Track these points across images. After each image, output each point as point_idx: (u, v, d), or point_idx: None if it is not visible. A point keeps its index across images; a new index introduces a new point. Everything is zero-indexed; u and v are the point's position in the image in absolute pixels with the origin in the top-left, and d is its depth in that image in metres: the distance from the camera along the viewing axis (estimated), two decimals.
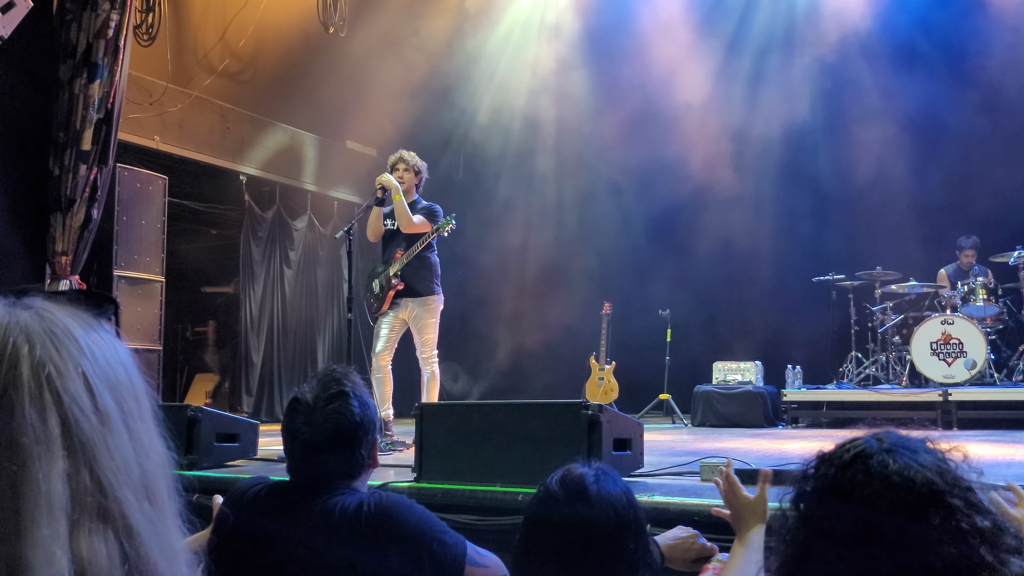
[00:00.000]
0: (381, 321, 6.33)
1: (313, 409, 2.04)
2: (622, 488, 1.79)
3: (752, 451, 5.46)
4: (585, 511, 1.71)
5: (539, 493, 1.80)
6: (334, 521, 1.92)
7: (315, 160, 10.46)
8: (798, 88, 9.99)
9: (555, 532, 1.72)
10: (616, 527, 1.71)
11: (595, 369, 9.16)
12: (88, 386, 0.76)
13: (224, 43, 9.08)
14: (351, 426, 2.03)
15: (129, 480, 0.76)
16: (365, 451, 2.07)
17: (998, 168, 8.69)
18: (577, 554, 1.68)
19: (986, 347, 7.74)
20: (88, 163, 6.68)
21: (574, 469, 1.80)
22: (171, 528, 0.81)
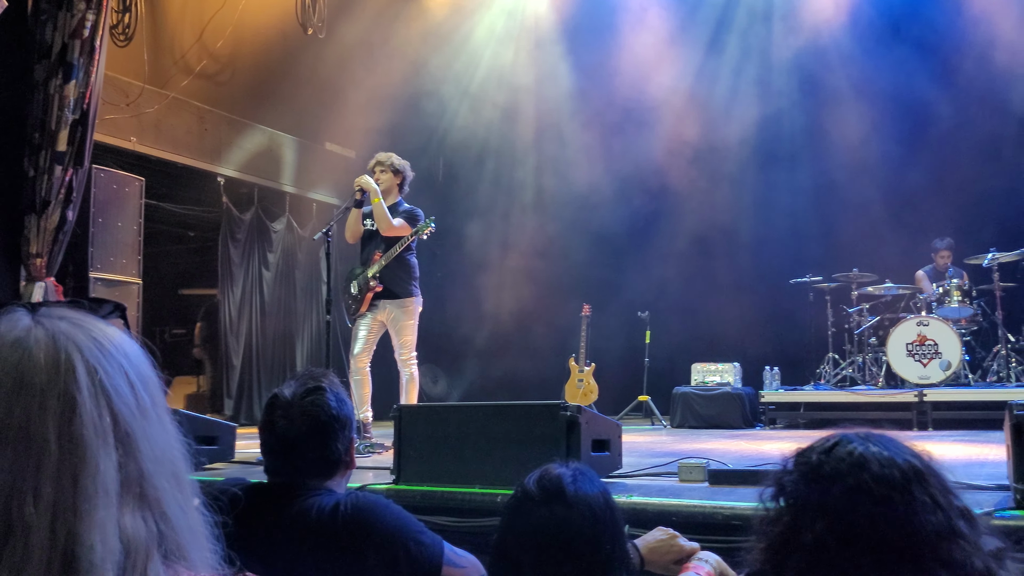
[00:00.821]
0: (359, 323, 6.32)
1: (291, 404, 2.07)
2: (599, 488, 1.79)
3: (730, 452, 5.49)
4: (562, 512, 1.71)
5: (516, 493, 1.80)
6: (311, 522, 1.92)
7: (294, 162, 10.41)
8: (776, 91, 10.07)
9: (532, 533, 1.72)
10: (593, 528, 1.71)
11: (574, 371, 9.18)
12: (130, 383, 0.86)
13: (202, 44, 9.03)
14: (327, 419, 2.05)
15: (163, 468, 0.85)
16: (342, 446, 2.08)
17: (973, 172, 8.79)
18: (554, 554, 1.68)
19: (961, 348, 7.83)
20: (63, 164, 6.61)
21: (552, 469, 1.80)
22: (194, 512, 0.89)
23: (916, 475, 1.11)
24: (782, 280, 9.14)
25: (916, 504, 1.09)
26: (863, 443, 1.15)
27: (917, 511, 1.08)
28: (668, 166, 10.21)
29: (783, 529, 1.14)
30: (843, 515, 1.10)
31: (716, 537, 3.10)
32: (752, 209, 10.02)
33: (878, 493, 1.10)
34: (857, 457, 1.13)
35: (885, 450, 1.13)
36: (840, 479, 1.12)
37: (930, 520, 1.08)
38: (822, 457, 1.16)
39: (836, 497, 1.11)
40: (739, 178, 10.11)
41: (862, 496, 1.10)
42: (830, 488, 1.12)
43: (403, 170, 6.42)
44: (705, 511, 3.23)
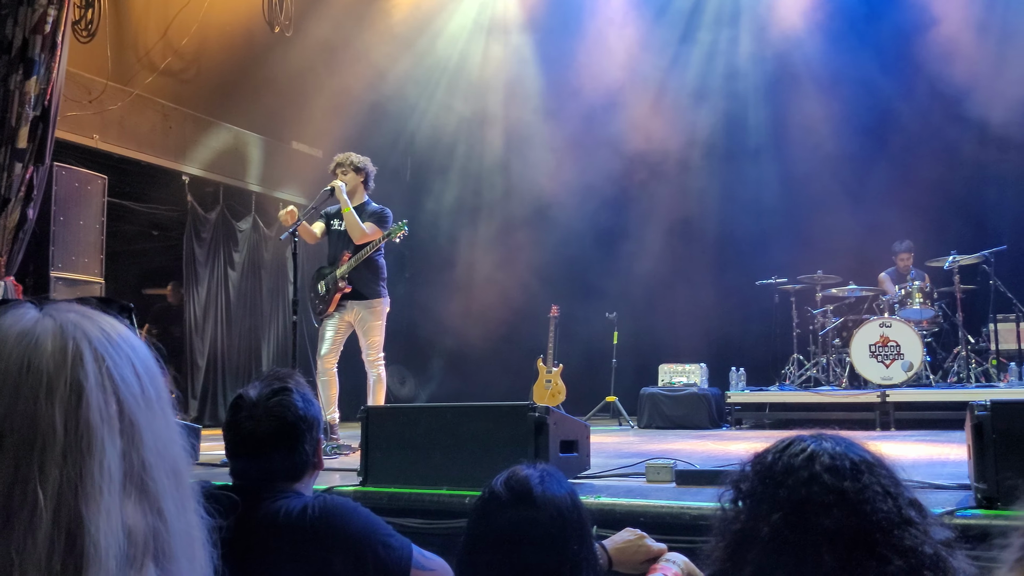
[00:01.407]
0: (326, 323, 6.28)
1: (256, 405, 2.03)
2: (567, 490, 1.79)
3: (697, 452, 5.53)
4: (530, 513, 1.71)
5: (484, 495, 1.80)
6: (279, 525, 1.89)
7: (260, 161, 10.32)
8: (742, 94, 10.18)
9: (500, 534, 1.72)
10: (560, 529, 1.71)
11: (542, 372, 9.19)
12: (137, 374, 0.86)
13: (166, 41, 8.92)
14: (294, 420, 2.01)
15: (164, 463, 0.85)
16: (309, 448, 2.04)
17: (935, 176, 8.94)
18: (522, 556, 1.68)
19: (922, 349, 7.94)
20: (24, 162, 6.50)
21: (519, 471, 1.80)
22: (192, 514, 0.88)
23: (867, 466, 1.15)
24: (748, 282, 9.23)
25: (868, 493, 1.12)
26: (815, 441, 1.19)
27: (869, 499, 1.12)
28: (636, 168, 10.28)
29: (740, 527, 1.16)
30: (797, 505, 1.13)
31: (683, 537, 3.12)
32: (719, 212, 10.11)
33: (830, 483, 1.13)
34: (810, 452, 1.17)
35: (837, 446, 1.18)
36: (793, 472, 1.15)
37: (881, 508, 1.11)
38: (776, 456, 1.20)
39: (790, 488, 1.14)
40: (706, 180, 10.19)
41: (815, 486, 1.13)
42: (784, 481, 1.15)
43: (365, 167, 6.38)
44: (672, 511, 3.24)
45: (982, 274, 8.31)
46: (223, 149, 9.80)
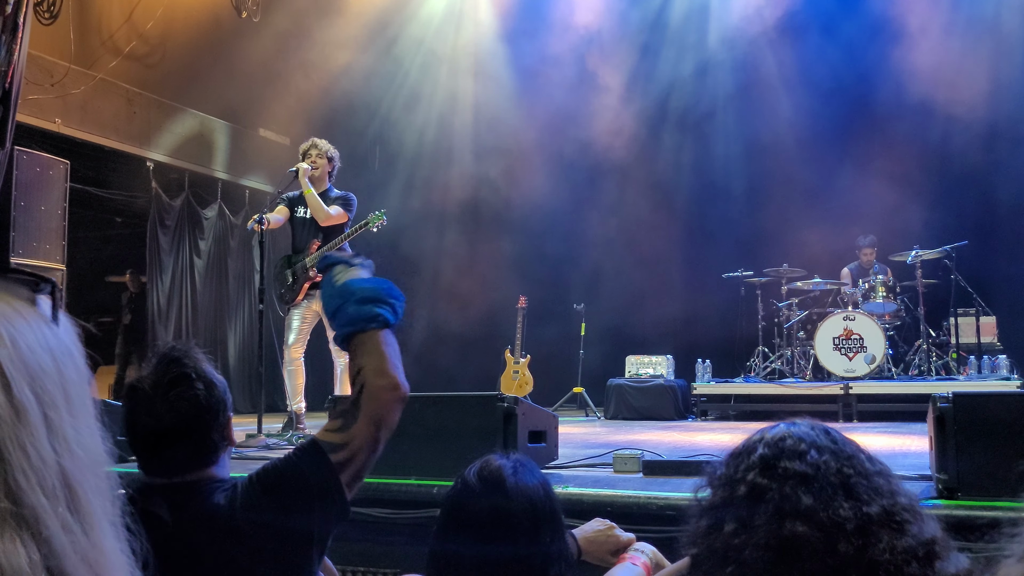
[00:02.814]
0: (293, 312, 6.24)
1: (153, 398, 1.82)
2: (539, 480, 1.79)
3: (663, 443, 5.57)
4: (502, 503, 1.71)
5: (456, 485, 1.80)
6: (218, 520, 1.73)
7: (226, 148, 10.21)
8: (708, 88, 10.23)
9: (472, 524, 1.72)
10: (532, 520, 1.71)
11: (510, 362, 9.20)
12: (4, 379, 0.69)
13: (131, 24, 8.78)
14: (197, 412, 1.82)
15: (44, 483, 0.69)
16: (217, 435, 1.86)
17: (898, 172, 9.04)
18: (494, 546, 1.68)
19: (885, 343, 8.06)
20: None
21: (492, 461, 1.79)
22: (99, 536, 0.72)
23: (850, 447, 1.16)
24: (714, 275, 9.30)
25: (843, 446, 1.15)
26: (789, 424, 1.20)
27: (844, 451, 1.14)
28: (603, 161, 10.30)
29: (718, 500, 1.17)
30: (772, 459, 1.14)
31: (651, 527, 3.14)
32: (685, 204, 10.18)
33: (806, 436, 1.15)
34: (782, 431, 1.18)
35: (825, 433, 1.18)
36: (764, 445, 1.17)
37: (858, 457, 1.14)
38: (749, 441, 1.20)
39: (765, 446, 1.16)
40: (672, 173, 10.26)
41: (789, 440, 1.15)
42: (757, 448, 1.17)
43: (335, 158, 6.38)
44: (640, 501, 3.27)
45: (944, 269, 8.45)
46: (189, 135, 9.68)
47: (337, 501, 1.68)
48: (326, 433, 1.70)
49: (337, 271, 1.81)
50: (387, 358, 1.71)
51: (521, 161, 10.59)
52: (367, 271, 1.83)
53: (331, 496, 1.67)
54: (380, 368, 1.69)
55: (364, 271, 1.82)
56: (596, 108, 10.32)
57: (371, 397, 1.68)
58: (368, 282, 1.77)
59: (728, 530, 1.12)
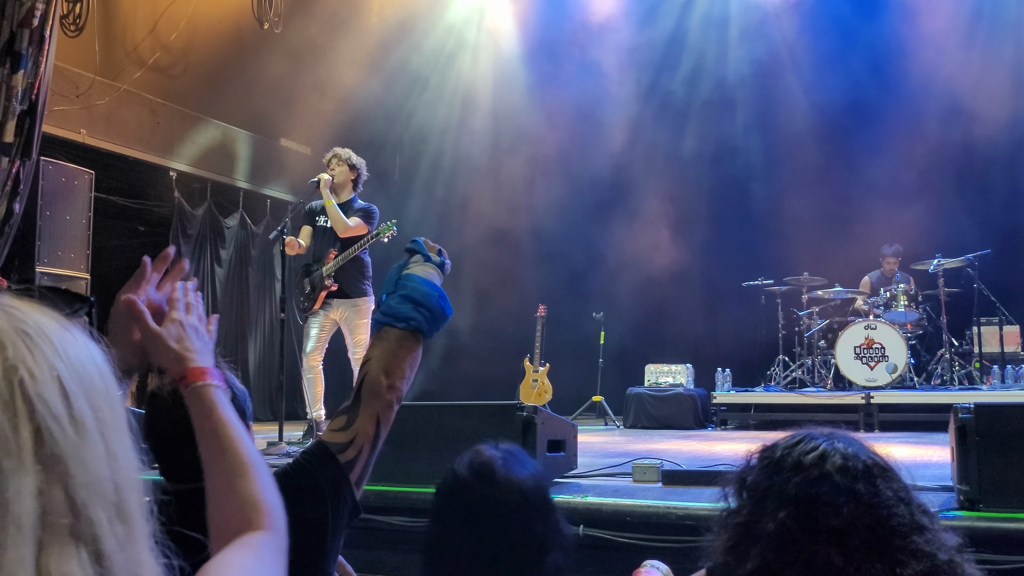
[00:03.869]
0: (311, 320, 6.27)
1: (173, 405, 1.80)
2: (530, 470, 1.80)
3: (683, 452, 5.55)
4: (493, 493, 1.72)
5: (447, 477, 1.82)
6: None
7: (248, 157, 10.29)
8: (729, 100, 10.22)
9: (464, 514, 1.74)
10: (523, 507, 1.72)
11: (529, 371, 9.20)
12: (63, 391, 0.70)
13: (155, 36, 8.88)
14: None
15: (102, 498, 0.70)
16: None
17: (920, 180, 8.99)
18: (486, 536, 1.70)
19: (907, 352, 8.00)
20: (10, 156, 6.46)
21: (482, 452, 1.81)
22: (141, 551, 0.73)
23: (879, 470, 1.13)
24: (734, 283, 9.27)
25: (881, 497, 1.10)
26: (827, 439, 1.16)
27: (883, 503, 1.10)
28: (624, 170, 10.30)
29: (744, 519, 1.14)
30: (806, 503, 1.10)
31: (669, 537, 3.14)
32: (706, 213, 10.15)
33: (841, 483, 1.10)
34: (821, 451, 1.14)
35: (849, 446, 1.15)
36: (803, 470, 1.13)
37: (896, 512, 1.09)
38: (785, 451, 1.16)
39: (798, 485, 1.12)
40: (694, 183, 10.23)
41: (825, 485, 1.11)
42: (792, 478, 1.13)
43: (359, 167, 6.39)
44: (659, 511, 3.26)
45: (966, 278, 8.38)
46: (211, 145, 9.77)
47: (348, 500, 1.70)
48: (331, 433, 1.72)
49: (413, 260, 1.83)
50: (398, 360, 1.72)
51: (540, 169, 10.61)
52: (438, 274, 1.83)
53: (342, 496, 1.69)
54: (386, 366, 1.71)
55: (435, 272, 1.82)
56: (616, 116, 10.33)
57: (370, 392, 1.70)
58: (425, 284, 1.77)
59: (751, 567, 1.10)
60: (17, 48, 6.41)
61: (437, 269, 1.82)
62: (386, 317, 1.73)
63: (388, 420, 1.72)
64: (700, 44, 10.40)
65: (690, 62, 10.41)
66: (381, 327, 1.73)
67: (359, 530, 1.97)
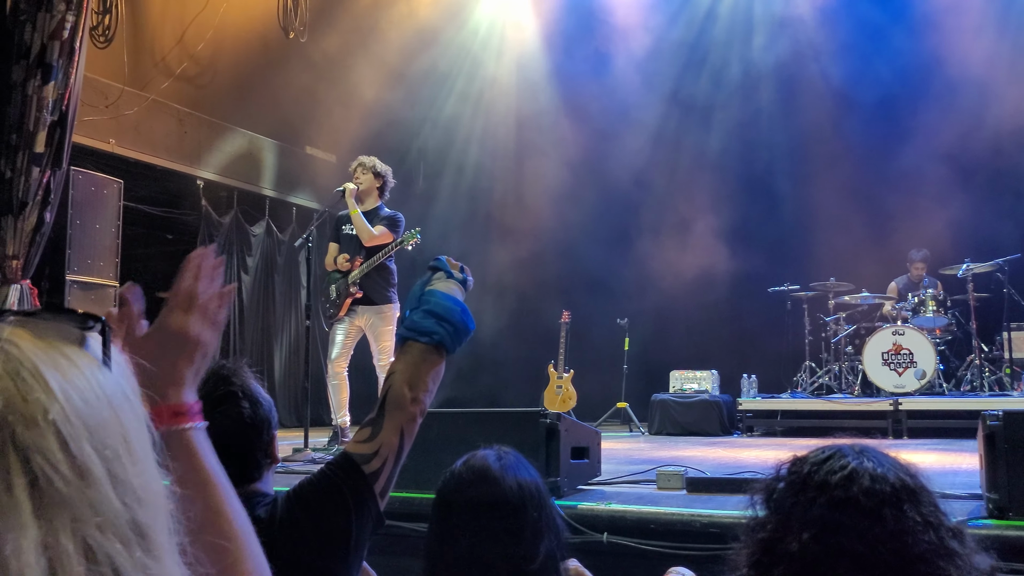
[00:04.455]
0: (336, 327, 6.31)
1: None
2: (524, 466, 1.90)
3: (708, 459, 5.52)
4: (488, 488, 1.82)
5: (446, 476, 1.93)
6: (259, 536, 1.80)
7: (274, 165, 10.38)
8: (756, 103, 10.17)
9: (462, 510, 1.84)
10: (519, 498, 1.81)
11: (553, 377, 9.19)
12: (61, 438, 0.66)
13: (182, 46, 8.99)
14: (242, 429, 1.91)
15: (117, 532, 0.67)
16: (260, 453, 1.95)
17: (948, 184, 8.90)
18: (482, 528, 1.79)
19: (935, 357, 7.91)
20: (41, 166, 6.57)
21: (477, 453, 1.93)
22: (166, 568, 0.71)
23: (908, 493, 1.10)
24: (760, 289, 9.21)
25: (907, 522, 1.08)
26: (857, 457, 1.14)
27: (909, 529, 1.07)
28: (648, 175, 10.28)
29: (768, 536, 1.13)
30: (830, 526, 1.08)
31: (694, 545, 3.13)
32: (731, 218, 10.09)
33: (867, 507, 1.09)
34: (849, 471, 1.12)
35: (879, 466, 1.12)
36: (828, 490, 1.11)
37: (922, 539, 1.07)
38: (813, 468, 1.14)
39: (823, 507, 1.10)
40: (718, 186, 10.18)
41: (850, 509, 1.09)
42: (817, 498, 1.11)
43: (384, 175, 6.42)
44: (683, 519, 3.25)
45: (996, 282, 8.28)
46: (237, 154, 9.86)
47: (372, 511, 1.72)
48: (356, 444, 1.74)
49: (436, 276, 1.87)
50: (421, 373, 1.75)
51: (565, 174, 10.61)
52: (460, 290, 1.87)
53: (366, 506, 1.71)
54: (410, 379, 1.74)
55: (457, 288, 1.86)
56: (641, 120, 10.32)
57: (394, 404, 1.73)
58: (447, 299, 1.80)
59: None
60: (48, 60, 6.52)
61: (459, 285, 1.86)
62: (409, 332, 1.76)
63: (412, 432, 1.75)
64: (725, 48, 10.37)
65: (715, 65, 10.38)
66: (405, 341, 1.77)
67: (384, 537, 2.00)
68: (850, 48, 9.68)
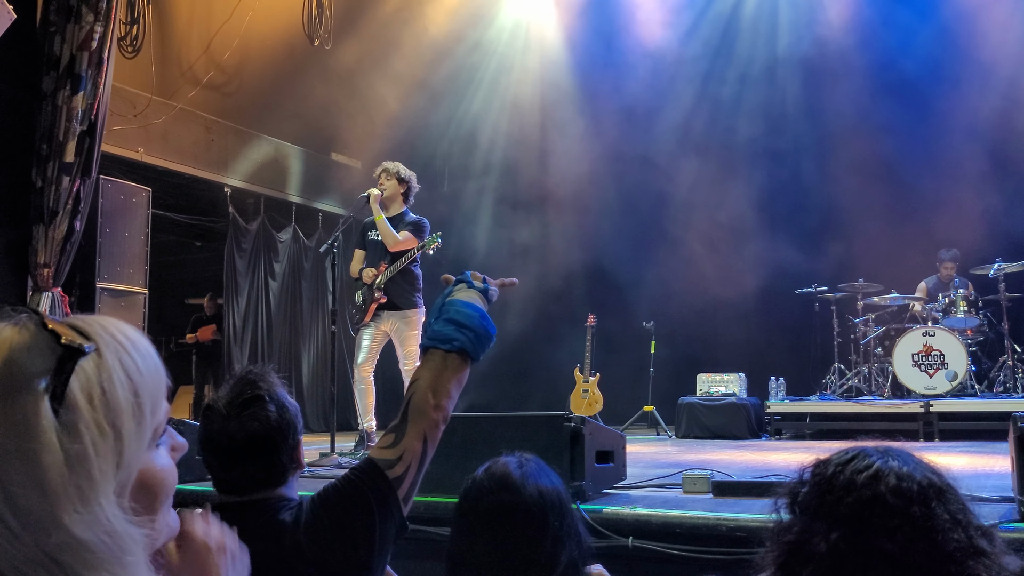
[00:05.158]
0: (363, 332, 6.33)
1: (227, 417, 1.92)
2: (546, 473, 1.89)
3: (735, 463, 5.48)
4: (509, 496, 1.81)
5: (467, 483, 1.91)
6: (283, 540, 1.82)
7: (300, 172, 10.45)
8: (782, 102, 10.10)
9: (483, 516, 1.82)
10: (540, 506, 1.80)
11: (579, 381, 9.17)
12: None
13: (209, 55, 9.08)
14: (267, 432, 1.91)
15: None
16: (286, 457, 1.95)
17: (979, 183, 8.78)
18: (503, 536, 1.78)
19: (967, 359, 7.81)
20: (71, 175, 6.65)
21: (499, 460, 1.92)
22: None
23: (935, 491, 1.09)
24: (788, 290, 9.14)
25: (936, 520, 1.06)
26: (882, 457, 1.13)
27: (939, 528, 1.06)
28: (673, 178, 10.23)
29: (795, 538, 1.11)
30: (858, 526, 1.07)
31: (720, 549, 3.11)
32: (758, 219, 10.02)
33: (895, 505, 1.07)
34: (875, 470, 1.11)
35: (904, 465, 1.11)
36: (855, 490, 1.10)
37: (952, 538, 1.05)
38: (838, 468, 1.13)
39: (850, 506, 1.09)
40: (745, 188, 10.10)
41: (878, 508, 1.08)
42: (844, 498, 1.10)
43: (409, 180, 6.44)
44: (709, 523, 3.22)
45: None
46: (264, 161, 9.94)
47: (396, 516, 1.74)
48: (380, 450, 1.75)
49: (457, 287, 1.90)
50: (443, 380, 1.76)
51: (589, 177, 10.60)
52: (481, 299, 1.89)
53: (390, 512, 1.73)
54: (432, 386, 1.75)
55: (478, 297, 1.88)
56: (666, 123, 10.28)
57: (417, 411, 1.74)
58: (466, 307, 1.83)
59: None
60: (77, 70, 6.60)
61: (480, 295, 1.88)
62: (431, 340, 1.78)
63: (435, 439, 1.76)
64: (750, 48, 10.31)
65: (739, 65, 10.33)
66: (427, 349, 1.79)
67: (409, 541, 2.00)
68: (880, 40, 9.58)
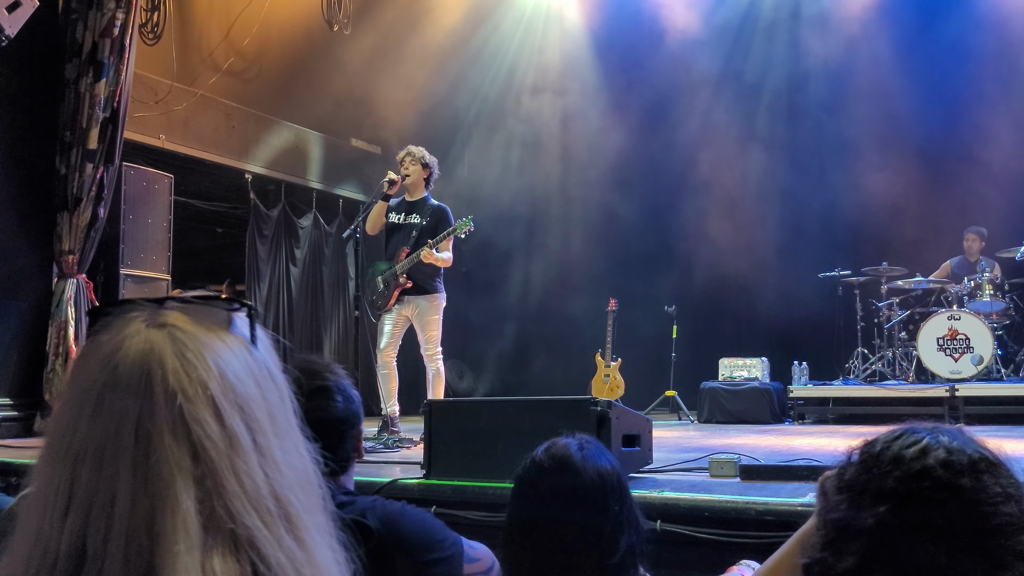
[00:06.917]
0: (385, 318, 6.35)
1: None
2: (606, 456, 1.87)
3: (760, 447, 5.46)
4: (570, 478, 1.78)
5: (526, 463, 1.88)
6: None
7: (320, 158, 10.46)
8: (804, 86, 10.00)
9: (543, 498, 1.79)
10: (601, 490, 1.78)
11: (601, 366, 9.16)
12: (216, 410, 0.75)
13: (229, 41, 9.08)
14: (334, 422, 1.92)
15: (258, 505, 0.75)
16: (350, 445, 1.98)
17: (1005, 165, 8.67)
18: (565, 516, 1.75)
19: (993, 342, 7.73)
20: (94, 162, 6.70)
21: (559, 441, 1.88)
22: (313, 549, 0.78)
23: (987, 464, 1.07)
24: (811, 274, 9.07)
25: (988, 493, 1.04)
26: (931, 433, 1.11)
27: (988, 500, 1.04)
28: (696, 160, 10.16)
29: (841, 515, 1.10)
30: (907, 499, 1.05)
31: (748, 533, 3.09)
32: (780, 202, 9.94)
33: (944, 478, 1.05)
34: (924, 444, 1.09)
35: (954, 440, 1.09)
36: (903, 464, 1.08)
37: (1003, 511, 1.03)
38: (885, 445, 1.11)
39: (898, 480, 1.07)
40: (768, 171, 10.02)
41: (927, 480, 1.05)
42: (892, 471, 1.08)
43: (432, 166, 6.45)
44: (737, 507, 3.21)
45: None
46: (284, 147, 9.95)
47: None
48: None
49: None
50: None
51: (611, 161, 10.54)
52: None
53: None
54: None
55: None
56: (689, 107, 10.21)
57: None
58: None
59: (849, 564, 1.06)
60: (99, 58, 6.64)
61: None
62: None
63: None
64: (771, 28, 10.20)
65: (762, 47, 10.22)
66: None
67: None
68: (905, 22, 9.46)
